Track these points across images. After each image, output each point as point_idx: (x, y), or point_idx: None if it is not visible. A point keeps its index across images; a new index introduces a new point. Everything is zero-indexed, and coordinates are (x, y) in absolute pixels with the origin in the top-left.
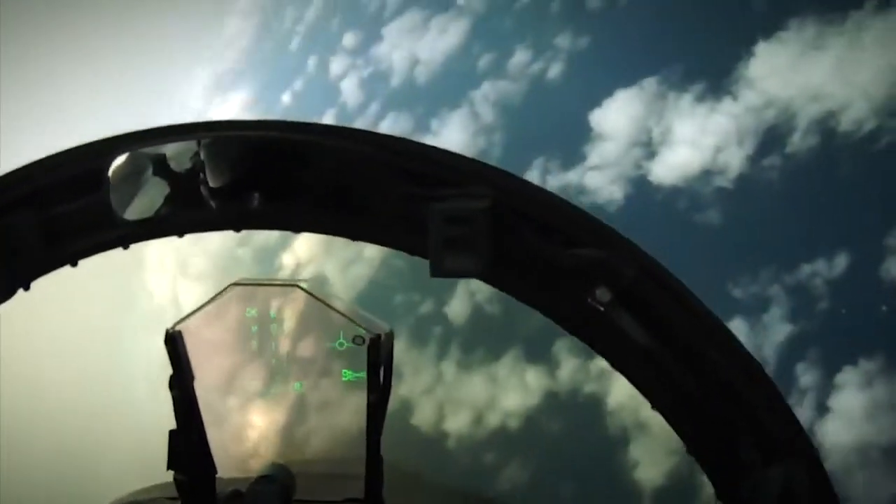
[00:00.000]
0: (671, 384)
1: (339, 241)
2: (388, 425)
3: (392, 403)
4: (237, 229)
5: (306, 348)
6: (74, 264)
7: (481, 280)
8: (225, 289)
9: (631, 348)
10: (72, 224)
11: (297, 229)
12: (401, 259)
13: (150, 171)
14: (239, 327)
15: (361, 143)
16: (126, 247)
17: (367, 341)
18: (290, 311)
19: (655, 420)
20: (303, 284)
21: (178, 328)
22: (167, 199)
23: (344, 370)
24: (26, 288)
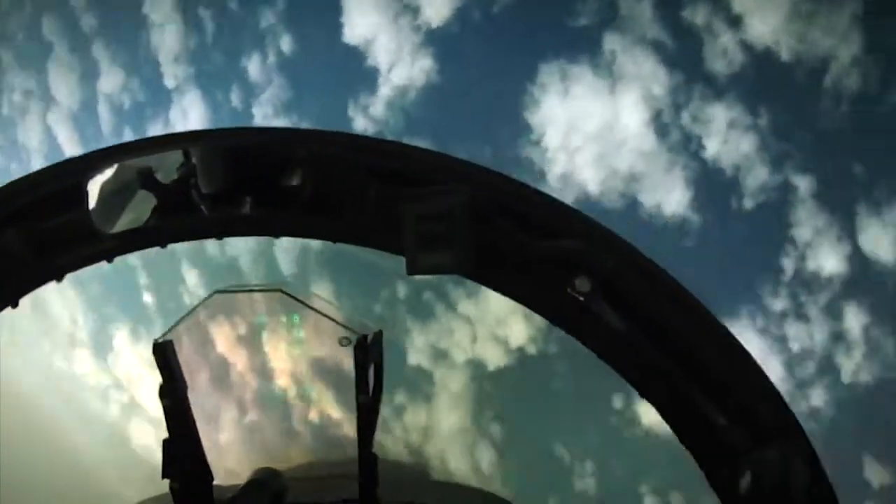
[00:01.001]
0: (656, 371)
1: None
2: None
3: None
4: (220, 237)
5: (295, 352)
6: (60, 279)
7: (460, 275)
8: (208, 296)
9: (614, 337)
10: (56, 240)
11: (280, 234)
12: None
13: (136, 184)
14: (227, 334)
15: (334, 145)
16: (110, 260)
17: (354, 342)
18: (275, 315)
19: None
20: (285, 289)
21: (165, 338)
22: (153, 211)
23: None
24: (14, 305)
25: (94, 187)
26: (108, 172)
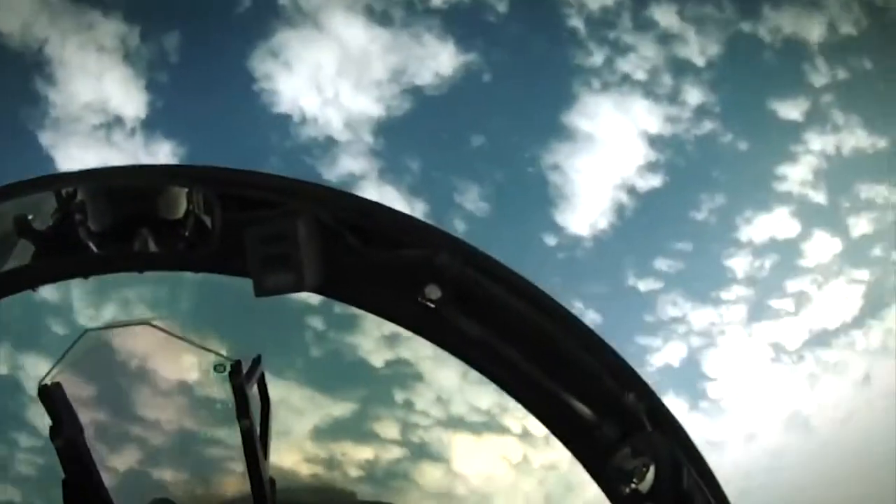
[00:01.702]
0: (517, 370)
1: None
2: None
3: None
4: (89, 275)
5: (173, 384)
6: None
7: (311, 292)
8: (80, 336)
9: (469, 340)
10: None
11: (136, 269)
12: None
13: (13, 233)
14: (104, 372)
15: (169, 177)
16: None
17: (228, 369)
18: (148, 349)
19: None
20: (155, 322)
21: (49, 380)
22: (32, 256)
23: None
24: None
25: None
26: None
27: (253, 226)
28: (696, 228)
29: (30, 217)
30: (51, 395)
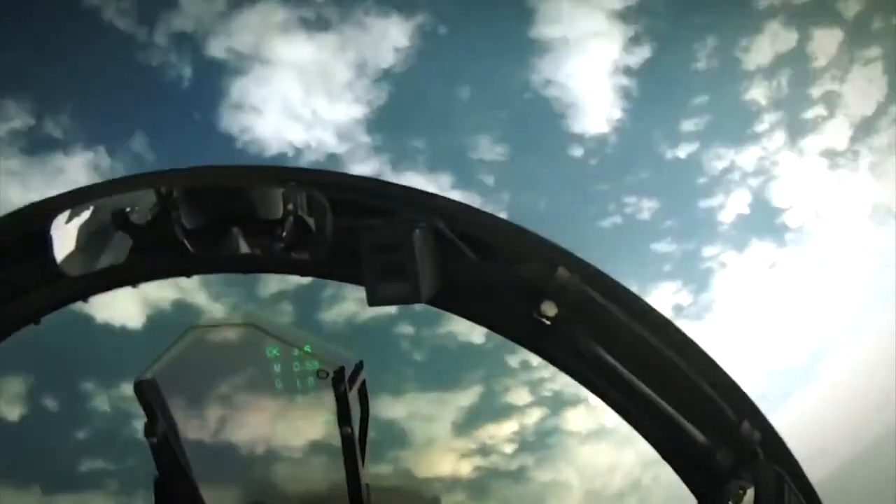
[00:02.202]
0: (633, 392)
1: None
2: None
3: None
4: (188, 275)
5: (273, 386)
6: (37, 322)
7: (422, 304)
8: (184, 333)
9: (585, 359)
10: (24, 285)
11: (240, 270)
12: None
13: (110, 226)
14: (206, 370)
15: (289, 180)
16: (86, 300)
17: (331, 374)
18: (251, 350)
19: None
20: (259, 323)
21: (147, 376)
22: (130, 251)
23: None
24: None
25: (60, 230)
26: (81, 214)
27: (368, 233)
28: (704, 77)
29: (128, 210)
30: (147, 392)
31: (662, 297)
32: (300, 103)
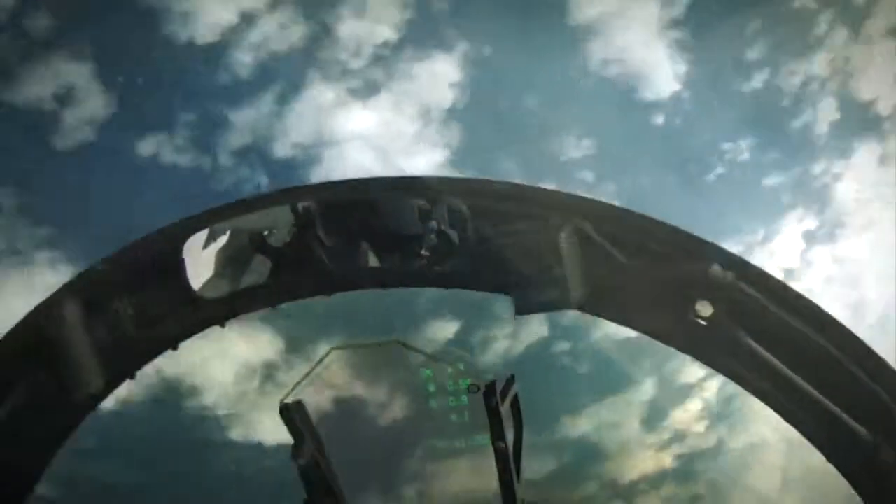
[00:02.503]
0: (793, 389)
1: None
2: None
3: None
4: (329, 293)
5: (423, 403)
6: (175, 348)
7: (575, 310)
8: (326, 354)
9: (742, 359)
10: (161, 311)
11: (380, 286)
12: None
13: (248, 248)
14: (350, 391)
15: (417, 189)
16: (223, 325)
17: (482, 389)
18: (397, 367)
19: None
20: (404, 340)
21: (292, 398)
22: (270, 273)
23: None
24: (132, 377)
25: (194, 254)
26: (217, 238)
27: (512, 239)
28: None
29: (265, 233)
30: (292, 414)
31: (791, 230)
32: (381, 168)
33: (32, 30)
